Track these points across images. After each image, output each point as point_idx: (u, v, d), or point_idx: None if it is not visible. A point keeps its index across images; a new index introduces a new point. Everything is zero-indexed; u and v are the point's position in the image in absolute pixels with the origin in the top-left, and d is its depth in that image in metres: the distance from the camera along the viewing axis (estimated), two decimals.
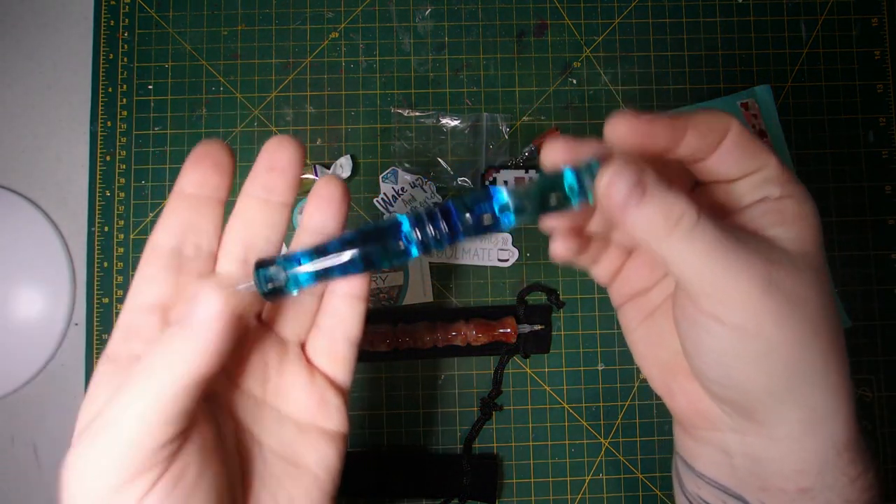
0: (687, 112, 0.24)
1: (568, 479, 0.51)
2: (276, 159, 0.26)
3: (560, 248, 0.26)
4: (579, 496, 0.51)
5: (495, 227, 0.24)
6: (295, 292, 0.24)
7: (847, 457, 0.24)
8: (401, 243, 0.24)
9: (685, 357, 0.25)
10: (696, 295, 0.23)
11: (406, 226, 0.24)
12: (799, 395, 0.23)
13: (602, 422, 0.51)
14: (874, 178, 0.54)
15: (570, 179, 0.23)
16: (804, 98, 0.54)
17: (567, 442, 0.51)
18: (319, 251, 0.24)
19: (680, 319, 0.25)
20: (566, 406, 0.52)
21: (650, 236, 0.22)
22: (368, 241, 0.24)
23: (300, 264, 0.24)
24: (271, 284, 0.24)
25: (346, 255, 0.24)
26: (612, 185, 0.22)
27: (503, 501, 0.51)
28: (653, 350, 0.28)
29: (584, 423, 0.51)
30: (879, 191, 0.54)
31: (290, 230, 0.54)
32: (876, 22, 0.55)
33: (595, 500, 0.51)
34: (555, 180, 0.23)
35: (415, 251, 0.24)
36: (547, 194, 0.23)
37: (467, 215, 0.24)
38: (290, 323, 0.27)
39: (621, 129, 0.23)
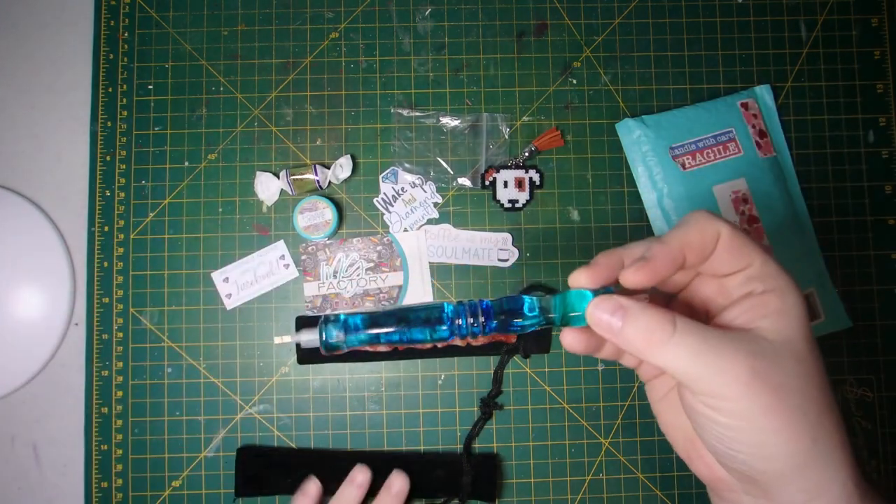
0: (677, 229, 0.28)
1: (568, 479, 0.51)
2: None
3: (570, 341, 0.30)
4: (579, 496, 0.51)
5: (518, 331, 0.30)
6: (345, 349, 0.30)
7: None
8: (442, 326, 0.29)
9: (697, 435, 0.29)
10: (691, 390, 0.26)
11: (450, 312, 0.30)
12: (797, 470, 0.26)
13: (602, 422, 0.51)
14: (874, 178, 0.54)
15: (587, 301, 0.28)
16: (804, 98, 0.54)
17: (567, 442, 0.51)
18: (373, 321, 0.29)
19: (685, 407, 0.28)
20: (566, 406, 0.52)
21: (637, 351, 0.26)
22: (415, 321, 0.30)
23: (358, 329, 0.30)
24: (332, 340, 0.30)
25: (394, 329, 0.30)
26: (594, 316, 0.27)
27: (503, 501, 0.51)
28: (675, 420, 0.31)
29: (584, 423, 0.51)
30: (879, 191, 0.54)
31: (291, 230, 0.54)
32: (876, 22, 0.55)
33: (595, 500, 0.51)
34: (575, 301, 0.28)
35: (451, 336, 0.30)
36: (567, 313, 0.29)
37: (502, 317, 0.29)
38: None
39: (635, 279, 0.27)
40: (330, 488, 0.48)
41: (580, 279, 0.28)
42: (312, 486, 0.48)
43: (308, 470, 0.49)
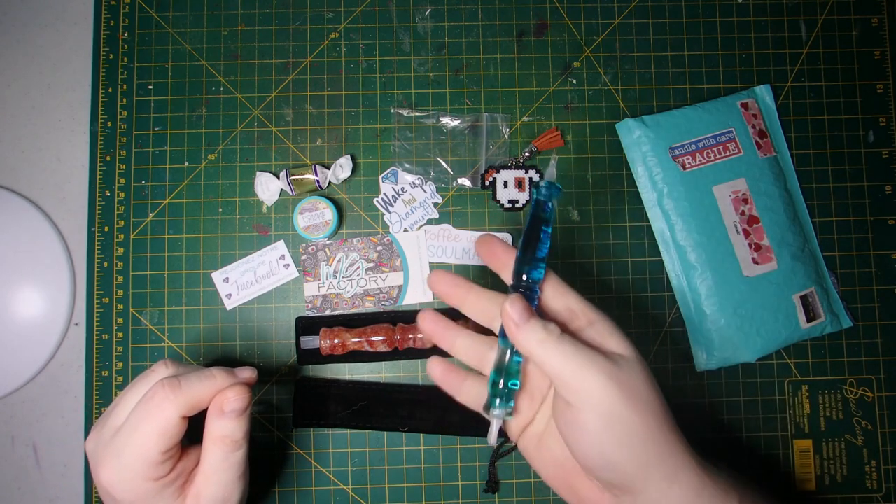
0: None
1: None
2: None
3: (434, 369, 0.39)
4: None
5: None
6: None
7: (707, 494, 0.33)
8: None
9: (571, 454, 0.34)
10: (564, 390, 0.32)
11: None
12: (657, 459, 0.32)
13: None
14: (874, 178, 0.54)
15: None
16: (804, 98, 0.54)
17: None
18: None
19: (560, 422, 0.34)
20: None
21: (533, 345, 0.32)
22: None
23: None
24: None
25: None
26: (507, 310, 0.33)
27: (503, 501, 0.51)
28: (548, 455, 0.37)
29: None
30: (879, 191, 0.54)
31: (291, 230, 0.54)
32: (876, 22, 0.55)
33: None
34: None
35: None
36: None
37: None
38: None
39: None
40: (385, 423, 0.50)
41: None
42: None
43: (366, 402, 0.50)
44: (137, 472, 0.35)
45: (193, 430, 0.37)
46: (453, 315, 0.41)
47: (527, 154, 0.53)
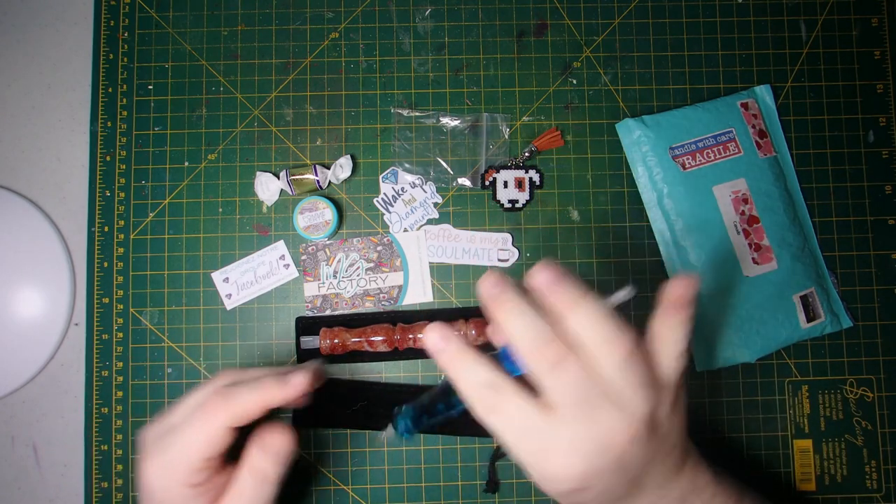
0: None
1: None
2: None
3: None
4: None
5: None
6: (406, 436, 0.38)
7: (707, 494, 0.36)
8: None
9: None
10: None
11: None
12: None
13: None
14: (874, 178, 0.54)
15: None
16: (804, 98, 0.54)
17: None
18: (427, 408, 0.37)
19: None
20: None
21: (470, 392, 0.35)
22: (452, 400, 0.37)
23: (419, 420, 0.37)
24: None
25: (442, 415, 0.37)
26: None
27: (503, 501, 0.51)
28: None
29: None
30: (879, 191, 0.54)
31: (291, 230, 0.54)
32: (876, 22, 0.55)
33: None
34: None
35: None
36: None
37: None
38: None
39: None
40: (385, 423, 0.49)
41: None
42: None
43: (366, 402, 0.50)
44: (176, 473, 0.36)
45: (237, 447, 0.38)
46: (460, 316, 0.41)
47: (527, 154, 0.53)
